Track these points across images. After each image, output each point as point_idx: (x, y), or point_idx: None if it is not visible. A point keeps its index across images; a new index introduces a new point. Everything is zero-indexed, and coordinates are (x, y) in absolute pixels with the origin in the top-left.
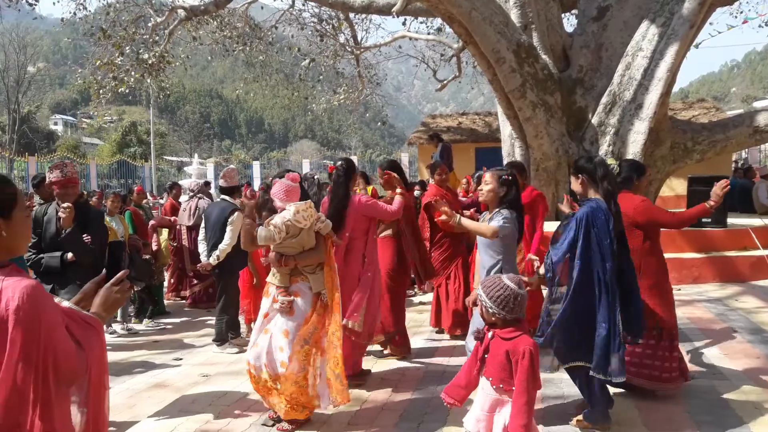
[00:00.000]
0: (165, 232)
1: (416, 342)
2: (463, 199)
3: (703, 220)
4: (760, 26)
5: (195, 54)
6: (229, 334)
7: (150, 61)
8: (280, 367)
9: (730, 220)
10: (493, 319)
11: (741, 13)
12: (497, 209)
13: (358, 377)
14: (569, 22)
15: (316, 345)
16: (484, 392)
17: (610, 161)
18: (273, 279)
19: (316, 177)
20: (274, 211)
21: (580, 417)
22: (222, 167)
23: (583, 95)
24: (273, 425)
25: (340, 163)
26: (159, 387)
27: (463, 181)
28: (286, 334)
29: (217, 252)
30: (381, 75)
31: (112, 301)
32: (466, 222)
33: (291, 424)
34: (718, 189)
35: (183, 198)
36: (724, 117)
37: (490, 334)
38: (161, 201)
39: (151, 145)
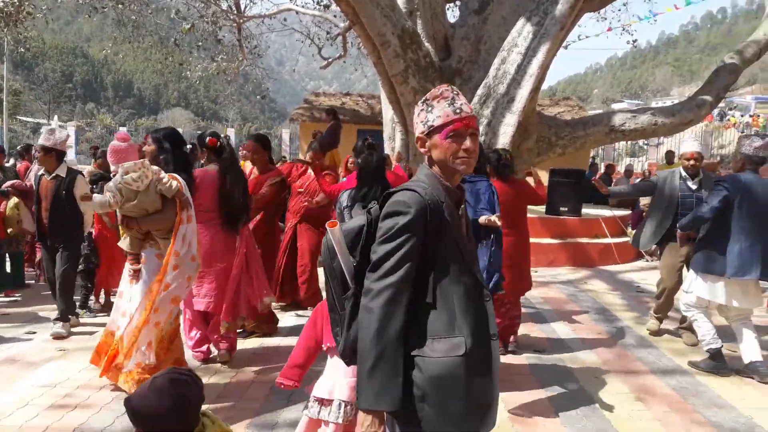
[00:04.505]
0: (13, 198)
1: (288, 319)
2: (343, 179)
3: (561, 208)
4: (621, 33)
5: (59, 7)
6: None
7: (7, 10)
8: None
9: (584, 210)
10: None
11: (605, 19)
12: None
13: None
14: (453, 13)
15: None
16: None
17: None
18: (123, 243)
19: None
20: None
21: None
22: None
23: (461, 86)
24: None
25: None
26: (9, 362)
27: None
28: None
29: None
30: (263, 47)
31: None
32: None
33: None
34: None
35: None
36: (586, 115)
37: None
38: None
39: (3, 103)
